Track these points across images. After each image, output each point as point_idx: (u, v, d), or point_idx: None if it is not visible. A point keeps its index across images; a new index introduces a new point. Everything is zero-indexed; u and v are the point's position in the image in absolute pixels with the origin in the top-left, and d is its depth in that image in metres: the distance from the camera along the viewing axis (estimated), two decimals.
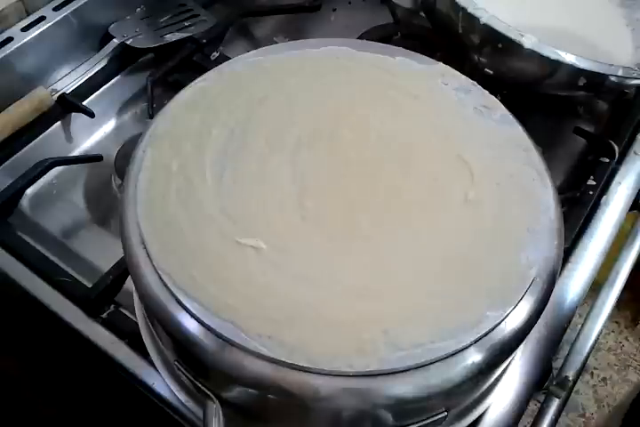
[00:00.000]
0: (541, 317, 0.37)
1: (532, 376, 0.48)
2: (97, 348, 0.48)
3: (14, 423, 0.58)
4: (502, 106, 0.44)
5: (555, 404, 0.49)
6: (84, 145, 0.65)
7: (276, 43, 0.49)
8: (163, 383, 0.45)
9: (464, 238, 0.38)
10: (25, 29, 0.61)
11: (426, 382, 0.33)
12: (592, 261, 0.56)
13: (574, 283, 0.54)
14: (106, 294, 0.51)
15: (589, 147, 0.67)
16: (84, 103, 0.64)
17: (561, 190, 0.46)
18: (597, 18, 0.67)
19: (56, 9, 0.63)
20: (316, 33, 0.77)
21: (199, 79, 0.44)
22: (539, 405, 0.50)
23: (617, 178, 0.62)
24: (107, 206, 0.61)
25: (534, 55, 0.55)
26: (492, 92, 0.45)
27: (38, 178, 0.58)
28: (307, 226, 0.37)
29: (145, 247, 0.36)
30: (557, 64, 0.55)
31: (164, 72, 0.66)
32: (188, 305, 0.34)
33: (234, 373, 0.33)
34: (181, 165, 0.39)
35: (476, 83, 0.45)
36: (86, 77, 0.65)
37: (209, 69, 0.45)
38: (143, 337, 0.47)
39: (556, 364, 0.52)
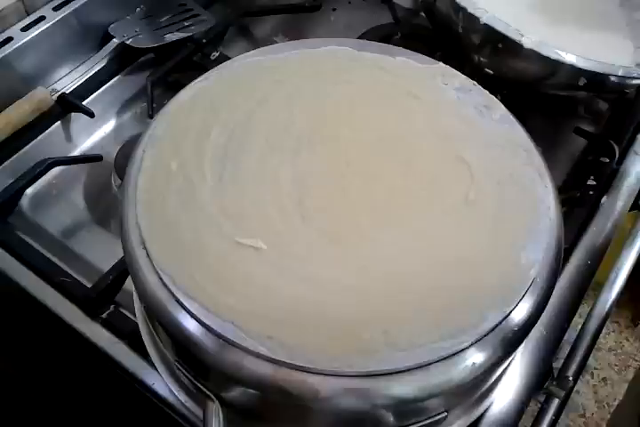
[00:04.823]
0: (541, 317, 0.37)
1: (532, 376, 0.48)
2: (97, 348, 0.48)
3: (14, 423, 0.58)
4: (502, 106, 0.44)
5: (555, 404, 0.49)
6: (84, 145, 0.65)
7: (276, 43, 0.50)
8: (163, 383, 0.45)
9: (464, 238, 0.38)
10: (25, 29, 0.61)
11: (426, 382, 0.33)
12: (592, 261, 0.56)
13: (574, 283, 0.54)
14: (106, 294, 0.51)
15: (589, 147, 0.67)
16: (84, 103, 0.64)
17: (561, 190, 0.46)
18: (597, 18, 0.67)
19: (56, 9, 0.63)
20: (316, 33, 0.77)
21: (199, 79, 0.44)
22: (539, 405, 0.50)
23: (617, 178, 0.62)
24: (107, 206, 0.61)
25: (534, 55, 0.55)
26: (492, 92, 0.45)
27: (38, 178, 0.58)
28: (307, 226, 0.37)
29: (145, 247, 0.36)
30: (557, 64, 0.55)
31: (164, 72, 0.66)
32: (187, 305, 0.34)
33: (234, 373, 0.33)
34: (181, 165, 0.39)
35: (476, 82, 0.45)
36: (86, 77, 0.65)
37: (209, 69, 0.45)
38: (143, 337, 0.47)
39: (556, 364, 0.52)
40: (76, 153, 0.64)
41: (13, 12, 0.61)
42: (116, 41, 0.66)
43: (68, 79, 0.64)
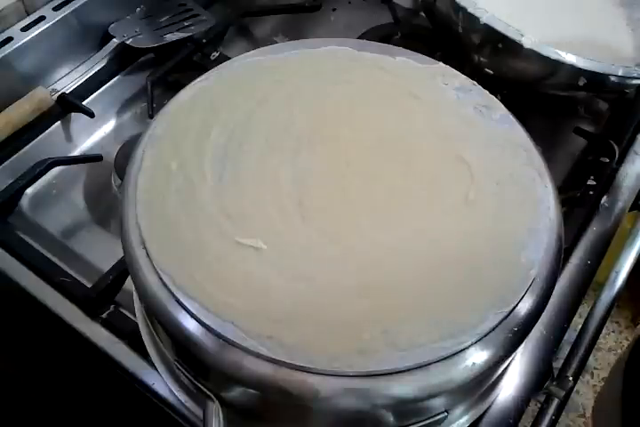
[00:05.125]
0: (541, 317, 0.37)
1: (532, 376, 0.48)
2: (97, 348, 0.48)
3: (14, 423, 0.58)
4: (502, 106, 0.44)
5: (555, 404, 0.49)
6: (84, 145, 0.65)
7: (276, 43, 0.50)
8: (163, 383, 0.45)
9: (464, 238, 0.37)
10: (25, 29, 0.61)
11: (426, 382, 0.33)
12: (592, 261, 0.56)
13: (574, 283, 0.54)
14: (106, 294, 0.51)
15: (589, 147, 0.67)
16: (84, 103, 0.64)
17: (561, 190, 0.46)
18: (597, 18, 0.67)
19: (56, 9, 0.63)
20: (316, 33, 0.77)
21: (199, 79, 0.44)
22: (539, 405, 0.50)
23: (617, 178, 0.62)
24: (107, 206, 0.61)
25: (534, 55, 0.55)
26: (492, 92, 0.45)
27: (38, 178, 0.58)
28: (307, 226, 0.37)
29: (145, 247, 0.36)
30: (557, 64, 0.55)
31: (164, 72, 0.66)
32: (187, 305, 0.34)
33: (234, 373, 0.33)
34: (181, 165, 0.39)
35: (475, 82, 0.45)
36: (86, 77, 0.65)
37: (209, 69, 0.45)
38: (143, 337, 0.47)
39: (556, 364, 0.52)
40: (76, 153, 0.64)
41: (13, 12, 0.61)
42: (115, 41, 0.66)
43: (67, 79, 0.64)
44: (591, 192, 0.59)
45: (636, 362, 0.54)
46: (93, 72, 0.65)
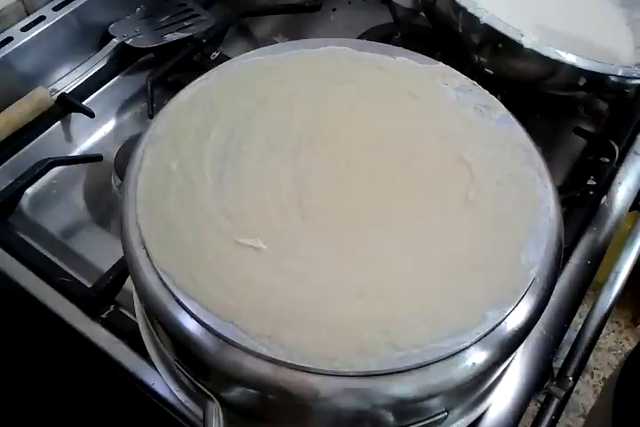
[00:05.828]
0: (541, 317, 0.37)
1: (532, 376, 0.48)
2: (97, 348, 0.48)
3: (14, 423, 0.58)
4: (502, 106, 0.44)
5: (555, 404, 0.49)
6: (84, 145, 0.65)
7: (276, 43, 0.50)
8: (162, 383, 0.45)
9: (464, 238, 0.38)
10: (25, 29, 0.61)
11: (426, 382, 0.33)
12: (592, 261, 0.56)
13: (574, 283, 0.54)
14: (106, 294, 0.51)
15: (589, 147, 0.67)
16: (84, 103, 0.64)
17: (561, 190, 0.46)
18: (597, 18, 0.67)
19: (56, 9, 0.63)
20: (316, 33, 0.77)
21: (199, 79, 0.44)
22: (539, 405, 0.50)
23: (617, 178, 0.62)
24: (107, 206, 0.61)
25: (534, 55, 0.55)
26: (492, 92, 0.45)
27: (38, 178, 0.58)
28: (307, 226, 0.37)
29: (145, 247, 0.36)
30: (557, 64, 0.55)
31: (164, 72, 0.66)
32: (187, 305, 0.34)
33: (233, 373, 0.33)
34: (181, 165, 0.39)
35: (476, 82, 0.45)
36: (86, 77, 0.65)
37: (209, 69, 0.45)
38: (143, 337, 0.47)
39: (556, 364, 0.52)
40: (75, 153, 0.64)
41: (13, 12, 0.61)
42: (115, 41, 0.66)
43: (67, 79, 0.64)
44: (591, 192, 0.59)
45: (628, 379, 0.54)
46: (93, 72, 0.65)
